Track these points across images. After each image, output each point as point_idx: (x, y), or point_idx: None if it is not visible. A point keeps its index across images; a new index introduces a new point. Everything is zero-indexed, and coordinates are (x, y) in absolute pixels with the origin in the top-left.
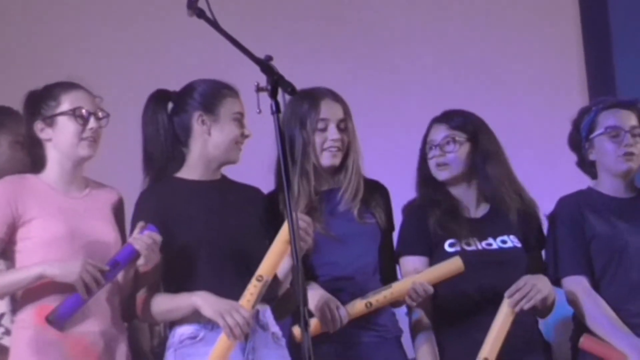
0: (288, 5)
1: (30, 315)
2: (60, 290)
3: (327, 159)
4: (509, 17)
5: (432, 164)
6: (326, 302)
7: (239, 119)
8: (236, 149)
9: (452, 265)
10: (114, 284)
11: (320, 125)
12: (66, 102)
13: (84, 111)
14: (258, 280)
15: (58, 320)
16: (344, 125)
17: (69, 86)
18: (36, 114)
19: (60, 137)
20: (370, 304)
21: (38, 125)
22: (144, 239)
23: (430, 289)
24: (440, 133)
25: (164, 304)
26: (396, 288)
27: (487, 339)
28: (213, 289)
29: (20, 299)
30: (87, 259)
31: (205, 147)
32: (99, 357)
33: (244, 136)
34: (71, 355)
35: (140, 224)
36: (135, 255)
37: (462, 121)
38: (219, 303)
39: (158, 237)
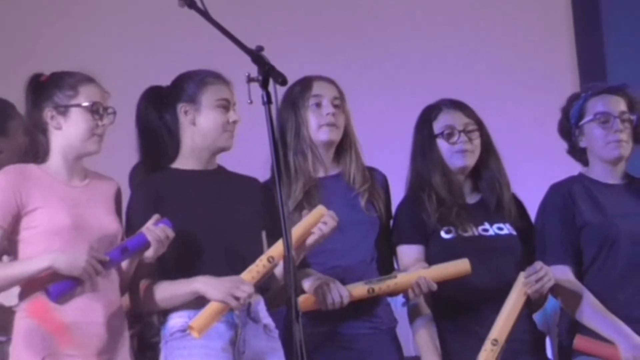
0: None
1: (29, 306)
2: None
3: (325, 134)
4: (500, 4)
5: (455, 149)
6: (325, 281)
7: (225, 106)
8: (224, 135)
9: (460, 267)
10: (118, 276)
11: (313, 101)
12: (83, 95)
13: (99, 106)
14: (269, 261)
15: (56, 293)
16: (339, 103)
17: (85, 79)
18: (46, 100)
19: (71, 129)
20: (373, 290)
21: (49, 112)
22: (157, 232)
23: (434, 287)
24: (459, 119)
25: (165, 291)
26: (401, 279)
27: (497, 320)
28: None
29: (22, 289)
30: (91, 250)
31: (193, 137)
32: (102, 348)
33: (231, 122)
34: (70, 346)
35: (156, 216)
36: (146, 245)
37: (472, 111)
38: (222, 283)
39: (171, 233)
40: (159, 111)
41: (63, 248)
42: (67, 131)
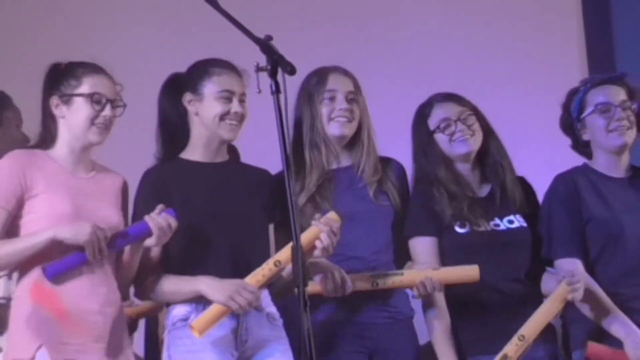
0: None
1: (27, 292)
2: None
3: (336, 129)
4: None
5: (454, 138)
6: (331, 270)
7: (227, 97)
8: (224, 126)
9: (468, 273)
10: (116, 264)
11: (328, 95)
12: (87, 85)
13: (102, 97)
14: (275, 265)
15: (52, 271)
16: (353, 97)
17: (93, 69)
18: (54, 89)
19: (73, 118)
20: (377, 284)
21: (54, 101)
22: (160, 220)
23: (440, 288)
24: (452, 109)
25: (169, 286)
26: (407, 277)
27: (531, 318)
28: (208, 274)
29: (18, 275)
30: (96, 224)
31: (198, 127)
32: (98, 335)
33: (232, 113)
34: (67, 333)
35: (160, 206)
36: (147, 233)
37: (462, 99)
38: (224, 286)
39: (174, 223)
40: (174, 100)
41: None
42: (69, 120)
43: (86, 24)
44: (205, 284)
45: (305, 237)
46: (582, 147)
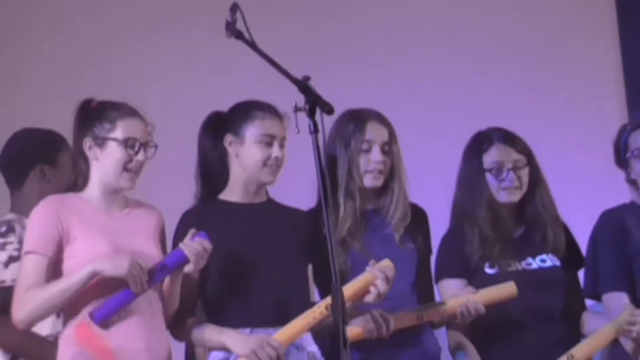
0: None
1: (73, 331)
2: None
3: (369, 181)
4: (543, 23)
5: (502, 186)
6: (369, 311)
7: (268, 142)
8: (265, 170)
9: (506, 290)
10: (160, 302)
11: (365, 146)
12: (120, 129)
13: (135, 142)
14: (327, 309)
15: (100, 316)
16: (388, 148)
17: (127, 113)
18: (87, 130)
19: (106, 162)
20: (422, 316)
21: (87, 143)
22: (195, 245)
23: (482, 310)
24: (509, 155)
25: (200, 334)
26: (449, 304)
27: (585, 340)
28: (247, 317)
29: (64, 314)
30: (134, 257)
31: (238, 169)
32: None
33: (273, 158)
34: None
35: (192, 230)
36: (184, 260)
37: (523, 145)
38: (248, 340)
39: (209, 245)
40: (214, 139)
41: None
42: (102, 163)
43: (126, 63)
44: (229, 337)
45: (358, 283)
46: (633, 183)
